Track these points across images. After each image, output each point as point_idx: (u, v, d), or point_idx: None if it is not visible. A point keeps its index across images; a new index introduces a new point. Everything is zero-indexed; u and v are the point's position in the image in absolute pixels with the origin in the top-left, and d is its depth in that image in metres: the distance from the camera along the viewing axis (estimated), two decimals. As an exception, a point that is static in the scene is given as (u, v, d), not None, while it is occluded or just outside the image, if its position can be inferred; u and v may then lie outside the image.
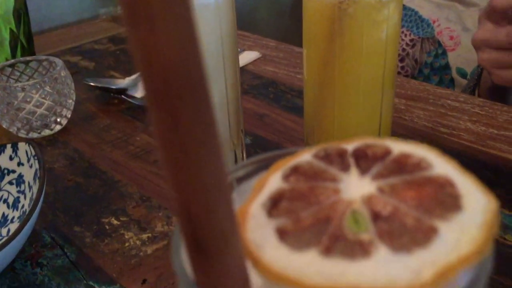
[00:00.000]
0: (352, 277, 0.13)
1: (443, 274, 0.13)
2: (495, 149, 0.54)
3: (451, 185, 0.16)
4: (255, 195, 0.17)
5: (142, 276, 0.42)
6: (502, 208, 0.45)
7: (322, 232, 0.14)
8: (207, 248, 0.13)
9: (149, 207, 0.50)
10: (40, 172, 0.43)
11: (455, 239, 0.14)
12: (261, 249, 0.14)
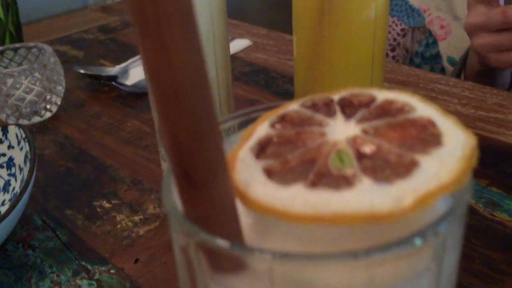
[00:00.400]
0: (336, 206, 0.13)
1: (422, 201, 0.14)
2: (484, 130, 0.55)
3: (433, 125, 0.16)
4: (243, 143, 0.17)
5: (135, 256, 0.42)
6: (491, 186, 0.46)
7: (308, 171, 0.14)
8: (195, 179, 0.13)
9: (141, 190, 0.50)
10: (30, 154, 0.43)
11: (435, 171, 0.14)
12: (249, 186, 0.15)
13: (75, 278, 0.40)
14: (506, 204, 0.43)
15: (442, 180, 0.14)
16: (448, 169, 0.14)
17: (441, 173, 0.14)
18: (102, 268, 0.41)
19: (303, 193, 0.14)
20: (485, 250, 0.39)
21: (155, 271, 0.40)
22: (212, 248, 0.13)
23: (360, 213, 0.13)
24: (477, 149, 0.16)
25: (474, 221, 0.42)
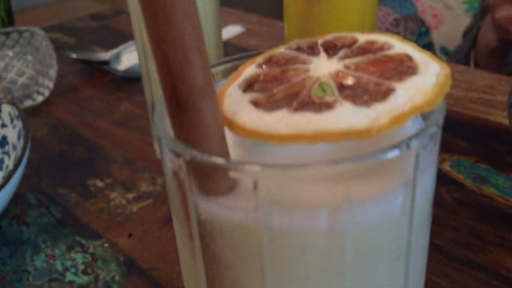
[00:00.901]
0: (317, 125, 0.14)
1: (397, 119, 0.14)
2: (474, 110, 0.55)
3: (409, 59, 0.17)
4: (231, 82, 0.17)
5: (128, 231, 0.42)
6: (479, 163, 0.46)
7: (292, 101, 0.15)
8: (185, 101, 0.13)
9: (134, 169, 0.50)
10: (24, 130, 0.43)
11: (410, 95, 0.15)
12: (236, 114, 0.15)
13: (69, 252, 0.40)
14: (493, 179, 0.44)
15: (416, 103, 0.15)
16: (422, 93, 0.15)
17: (416, 97, 0.15)
18: (96, 243, 0.41)
19: (286, 117, 0.14)
20: (473, 222, 0.40)
21: (148, 245, 0.41)
22: (202, 165, 0.13)
23: (339, 130, 0.14)
24: (450, 77, 0.17)
25: (462, 195, 0.43)
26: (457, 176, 0.45)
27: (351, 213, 0.13)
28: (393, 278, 0.14)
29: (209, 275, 0.14)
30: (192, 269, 0.15)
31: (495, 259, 0.36)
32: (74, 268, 0.39)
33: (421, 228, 0.15)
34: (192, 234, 0.14)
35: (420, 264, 0.16)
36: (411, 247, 0.14)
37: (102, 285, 0.37)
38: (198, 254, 0.14)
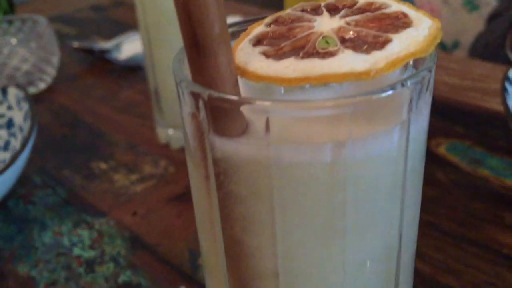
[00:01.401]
0: (321, 69, 0.15)
1: (394, 64, 0.16)
2: (469, 97, 0.57)
3: (405, 16, 0.18)
4: (241, 39, 0.18)
5: (133, 209, 0.43)
6: (474, 146, 0.48)
7: (299, 52, 0.16)
8: (203, 45, 0.14)
9: (137, 153, 0.51)
10: (30, 112, 0.44)
11: (405, 44, 0.16)
12: (248, 63, 0.16)
13: (76, 228, 0.41)
14: (488, 161, 0.46)
15: (410, 50, 0.16)
16: (416, 43, 0.16)
17: (410, 46, 0.16)
18: (102, 220, 0.42)
19: (294, 63, 0.15)
20: (468, 201, 0.41)
21: (152, 223, 0.42)
22: (218, 104, 0.14)
23: (341, 72, 0.15)
24: (441, 30, 0.18)
25: (458, 176, 0.44)
26: (453, 158, 0.46)
27: (353, 148, 0.14)
28: (390, 212, 0.15)
29: (222, 212, 0.15)
30: (207, 209, 0.16)
31: (488, 235, 0.38)
32: (81, 244, 0.40)
33: (415, 168, 0.16)
34: (208, 174, 0.15)
35: (415, 200, 0.17)
36: (406, 183, 0.15)
37: (108, 259, 0.38)
38: (213, 193, 0.15)
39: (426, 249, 0.37)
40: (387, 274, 0.16)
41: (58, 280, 0.37)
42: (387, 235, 0.16)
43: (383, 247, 0.16)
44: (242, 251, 0.15)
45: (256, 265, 0.16)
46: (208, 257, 0.18)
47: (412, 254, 0.18)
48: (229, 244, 0.16)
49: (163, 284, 0.36)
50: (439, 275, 0.35)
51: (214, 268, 0.17)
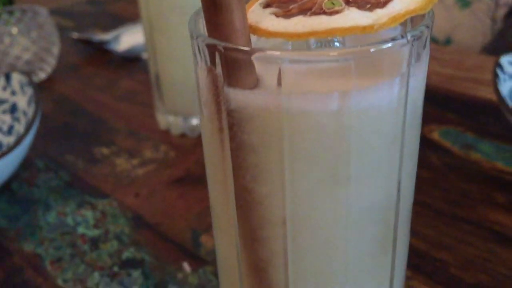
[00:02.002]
0: (328, 24, 0.16)
1: (395, 19, 0.17)
2: (462, 87, 0.58)
3: None
4: (252, 3, 0.20)
5: (135, 191, 0.44)
6: (467, 132, 0.49)
7: (306, 13, 0.17)
8: (220, 2, 0.15)
9: (138, 138, 0.52)
10: (34, 97, 0.45)
11: (405, 3, 0.17)
12: (260, 22, 0.17)
13: (80, 209, 0.42)
14: (479, 146, 0.47)
15: (410, 7, 0.17)
16: (415, 1, 0.18)
17: (410, 4, 0.17)
18: (105, 201, 0.43)
19: (302, 20, 0.17)
20: (460, 183, 0.43)
21: (154, 204, 0.43)
22: (233, 55, 0.15)
23: (346, 26, 0.16)
24: None
25: (450, 159, 0.46)
26: (446, 143, 0.48)
27: (357, 97, 0.15)
28: (390, 162, 0.17)
29: (235, 162, 0.16)
30: (219, 161, 0.17)
31: (480, 214, 0.39)
32: (85, 223, 0.41)
33: (414, 121, 0.17)
34: (222, 126, 0.16)
35: (412, 153, 0.18)
36: (405, 135, 0.17)
37: (112, 237, 0.39)
38: (226, 144, 0.16)
39: (421, 227, 0.38)
40: (387, 223, 0.17)
41: (63, 257, 0.38)
42: (387, 184, 0.17)
43: (384, 195, 0.17)
44: (252, 200, 0.17)
45: (265, 212, 0.17)
46: (218, 210, 0.19)
47: (409, 205, 0.19)
48: (240, 193, 0.17)
49: (166, 260, 0.37)
50: (433, 251, 0.36)
51: (224, 220, 0.19)
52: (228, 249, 0.19)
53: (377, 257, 0.18)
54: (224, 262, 0.20)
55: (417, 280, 0.34)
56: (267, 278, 0.18)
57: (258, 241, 0.17)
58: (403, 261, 0.20)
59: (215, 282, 0.35)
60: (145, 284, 0.35)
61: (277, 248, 0.17)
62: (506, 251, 0.36)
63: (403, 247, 0.20)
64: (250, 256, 0.18)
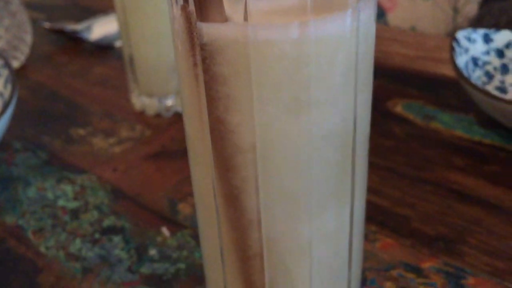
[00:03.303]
0: None
1: None
2: (423, 66, 0.61)
3: None
4: None
5: (113, 167, 0.46)
6: (428, 105, 0.52)
7: None
8: None
9: (113, 120, 0.54)
10: (11, 77, 0.46)
11: None
12: None
13: (59, 184, 0.44)
14: (439, 117, 0.50)
15: None
16: None
17: None
18: (84, 176, 0.44)
19: None
20: (422, 149, 0.45)
21: (133, 177, 0.44)
22: None
23: None
24: None
25: (413, 130, 0.48)
26: (408, 116, 0.51)
27: (315, 27, 0.17)
28: (346, 91, 0.19)
29: (208, 95, 0.18)
30: (195, 96, 0.19)
31: (440, 176, 0.42)
32: (65, 196, 0.42)
33: (366, 53, 0.19)
34: (196, 60, 0.18)
35: (367, 85, 0.20)
36: (359, 65, 0.19)
37: (92, 208, 0.41)
38: (201, 78, 0.18)
39: (386, 188, 0.41)
40: (346, 148, 0.20)
41: (45, 227, 0.39)
42: (344, 112, 0.19)
43: (341, 122, 0.19)
44: (225, 129, 0.19)
45: (237, 140, 0.19)
46: (195, 145, 0.21)
47: (366, 134, 0.21)
48: (214, 124, 0.19)
49: (145, 226, 0.38)
50: (396, 208, 0.39)
51: (200, 153, 0.20)
52: (204, 182, 0.21)
53: (339, 180, 0.20)
54: (200, 195, 0.22)
55: (382, 234, 0.36)
56: (240, 204, 0.20)
57: (231, 169, 0.19)
58: (362, 186, 0.22)
59: (193, 243, 0.37)
60: (126, 248, 0.36)
61: (248, 175, 0.19)
62: (463, 206, 0.38)
63: (362, 172, 0.22)
64: (224, 185, 0.20)
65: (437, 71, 0.60)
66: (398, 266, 0.34)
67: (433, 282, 0.32)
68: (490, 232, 0.36)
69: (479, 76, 0.49)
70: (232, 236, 0.21)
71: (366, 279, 0.33)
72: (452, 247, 0.35)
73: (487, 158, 0.44)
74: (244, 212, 0.20)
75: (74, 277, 0.34)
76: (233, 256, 0.22)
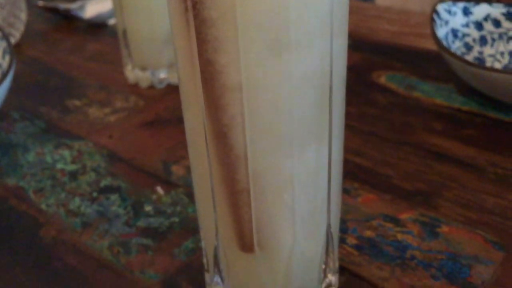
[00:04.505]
0: None
1: None
2: (407, 41, 0.64)
3: None
4: None
5: (108, 133, 0.48)
6: (410, 76, 0.54)
7: None
8: None
9: (108, 92, 0.56)
10: (8, 48, 0.48)
11: None
12: None
13: (57, 150, 0.46)
14: (421, 87, 0.52)
15: None
16: None
17: None
18: (81, 142, 0.46)
19: None
20: (403, 116, 0.48)
21: (128, 143, 0.46)
22: None
23: None
24: None
25: (395, 99, 0.51)
26: (391, 86, 0.53)
27: None
28: (323, 36, 0.20)
29: (199, 38, 0.20)
30: (186, 38, 0.21)
31: (420, 139, 0.44)
32: (63, 160, 0.44)
33: (341, 6, 0.21)
34: (187, 6, 0.20)
35: (342, 32, 0.22)
36: (334, 12, 0.20)
37: (89, 170, 0.43)
38: (191, 23, 0.20)
39: (367, 150, 0.43)
40: (324, 88, 0.22)
41: (45, 187, 0.41)
42: (322, 53, 0.21)
43: (319, 64, 0.21)
44: (214, 70, 0.21)
45: (225, 80, 0.21)
46: (187, 87, 0.23)
47: (342, 76, 0.23)
48: (204, 66, 0.21)
49: (140, 186, 0.41)
50: (378, 168, 0.41)
51: (191, 95, 0.22)
52: (195, 122, 0.23)
53: (317, 119, 0.22)
54: (192, 136, 0.24)
55: (364, 190, 0.39)
56: (229, 141, 0.22)
57: (220, 108, 0.21)
58: (339, 127, 0.24)
59: (186, 200, 0.39)
60: (123, 205, 0.39)
61: (236, 113, 0.21)
62: (440, 165, 0.41)
63: (339, 113, 0.24)
64: (214, 123, 0.22)
65: (420, 45, 0.62)
66: (377, 217, 0.36)
67: (409, 230, 0.35)
68: (464, 187, 0.38)
69: (459, 47, 0.51)
70: (221, 172, 0.23)
71: (348, 228, 0.35)
72: (429, 201, 0.37)
73: (464, 122, 0.46)
74: (232, 148, 0.22)
75: (75, 230, 0.37)
76: (223, 192, 0.24)
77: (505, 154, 0.42)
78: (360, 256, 0.33)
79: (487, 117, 0.46)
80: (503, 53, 0.52)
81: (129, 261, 0.34)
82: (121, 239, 0.36)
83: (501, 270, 0.31)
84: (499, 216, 0.35)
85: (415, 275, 0.31)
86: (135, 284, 0.32)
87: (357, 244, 0.34)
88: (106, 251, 0.35)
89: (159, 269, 0.33)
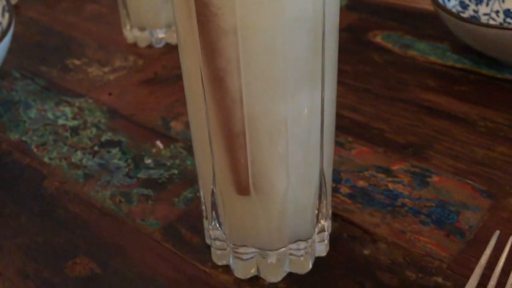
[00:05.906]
0: None
1: None
2: (403, 1, 0.64)
3: None
4: None
5: (108, 91, 0.49)
6: (405, 35, 0.55)
7: None
8: None
9: (107, 51, 0.56)
10: (7, 6, 0.48)
11: None
12: None
13: (58, 106, 0.46)
14: (416, 45, 0.53)
15: None
16: None
17: None
18: (81, 99, 0.47)
19: None
20: (398, 74, 0.48)
21: (127, 100, 0.47)
22: None
23: None
24: None
25: (391, 57, 0.51)
26: (387, 45, 0.53)
27: None
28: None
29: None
30: (186, 10, 0.22)
31: (413, 95, 0.45)
32: (64, 116, 0.45)
33: None
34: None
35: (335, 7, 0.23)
36: None
37: (90, 125, 0.44)
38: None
39: (362, 106, 0.44)
40: (316, 32, 0.22)
41: (47, 142, 0.42)
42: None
43: (312, 7, 0.22)
44: (210, 13, 0.21)
45: (220, 23, 0.21)
46: (184, 35, 0.24)
47: (334, 25, 0.24)
48: (200, 9, 0.21)
49: (140, 140, 0.42)
50: (372, 122, 0.42)
51: (188, 40, 0.23)
52: (192, 69, 0.24)
53: (310, 63, 0.23)
54: (189, 82, 0.25)
55: (358, 143, 0.40)
56: (225, 85, 0.23)
57: (216, 52, 0.22)
58: (332, 72, 0.25)
59: (184, 153, 0.40)
60: (124, 158, 0.40)
61: (231, 56, 0.22)
62: (432, 119, 0.42)
63: (331, 58, 0.25)
64: (210, 67, 0.23)
65: (416, 5, 0.62)
66: (370, 168, 0.37)
67: (400, 180, 0.36)
68: (455, 140, 0.39)
69: (454, 5, 0.52)
70: (218, 116, 0.24)
71: (341, 179, 0.36)
72: (420, 153, 0.38)
73: (458, 79, 0.47)
74: (228, 92, 0.23)
75: (77, 182, 0.38)
76: (220, 136, 0.25)
77: (497, 108, 0.42)
78: (352, 204, 0.34)
79: (480, 74, 0.47)
80: (498, 12, 0.52)
81: (131, 209, 0.35)
82: (123, 189, 0.37)
83: (488, 216, 0.33)
84: (488, 166, 0.37)
85: (405, 221, 0.33)
86: (137, 231, 0.33)
87: (350, 193, 0.35)
88: (108, 201, 0.36)
89: (160, 217, 0.34)
